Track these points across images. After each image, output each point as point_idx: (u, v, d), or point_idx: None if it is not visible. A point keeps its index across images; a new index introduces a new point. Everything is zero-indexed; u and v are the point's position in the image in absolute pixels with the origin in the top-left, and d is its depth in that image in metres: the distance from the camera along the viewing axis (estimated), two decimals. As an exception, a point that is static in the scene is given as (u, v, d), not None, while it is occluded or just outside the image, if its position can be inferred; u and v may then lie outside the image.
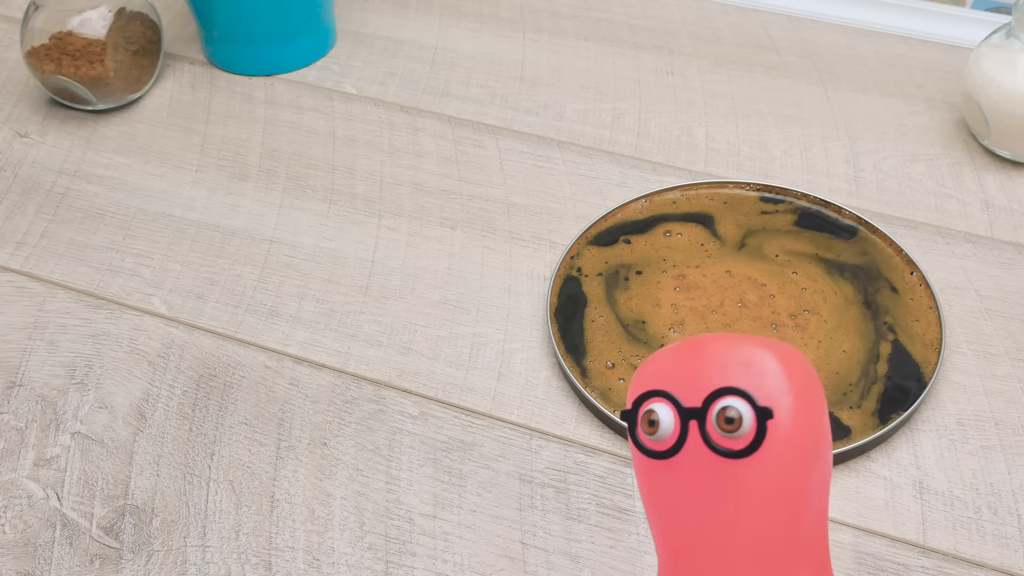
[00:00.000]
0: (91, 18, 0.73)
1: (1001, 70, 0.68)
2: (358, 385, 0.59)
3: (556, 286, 0.62)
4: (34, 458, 0.56)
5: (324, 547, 0.52)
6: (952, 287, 0.64)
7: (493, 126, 0.76)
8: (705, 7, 0.88)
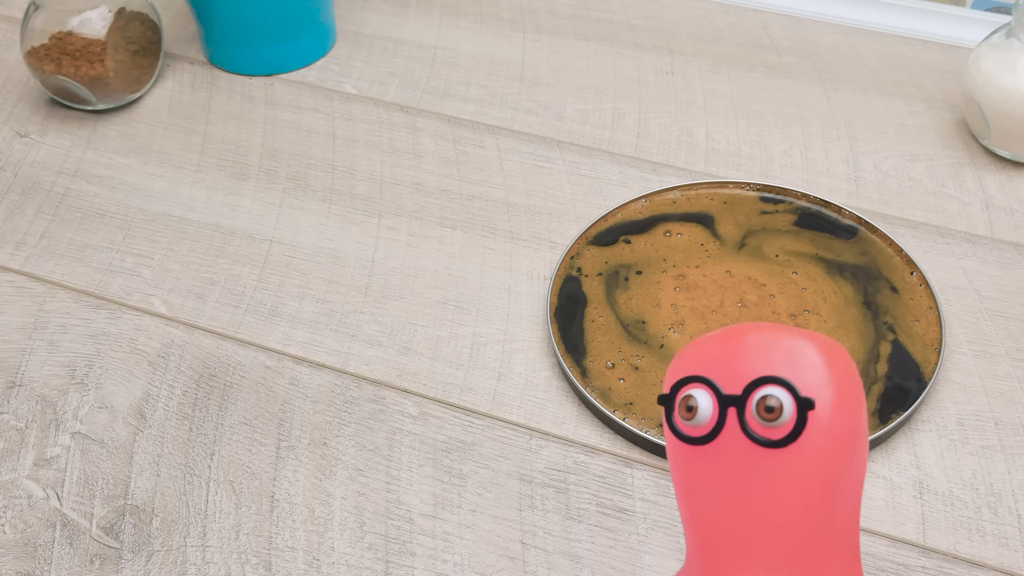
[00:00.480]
0: (91, 18, 0.73)
1: (1001, 70, 0.68)
2: (358, 385, 0.59)
3: (556, 286, 0.62)
4: (34, 458, 0.56)
5: (324, 547, 0.52)
6: (952, 287, 0.64)
7: (493, 126, 0.76)
8: (705, 7, 0.88)
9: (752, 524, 0.36)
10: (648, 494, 0.54)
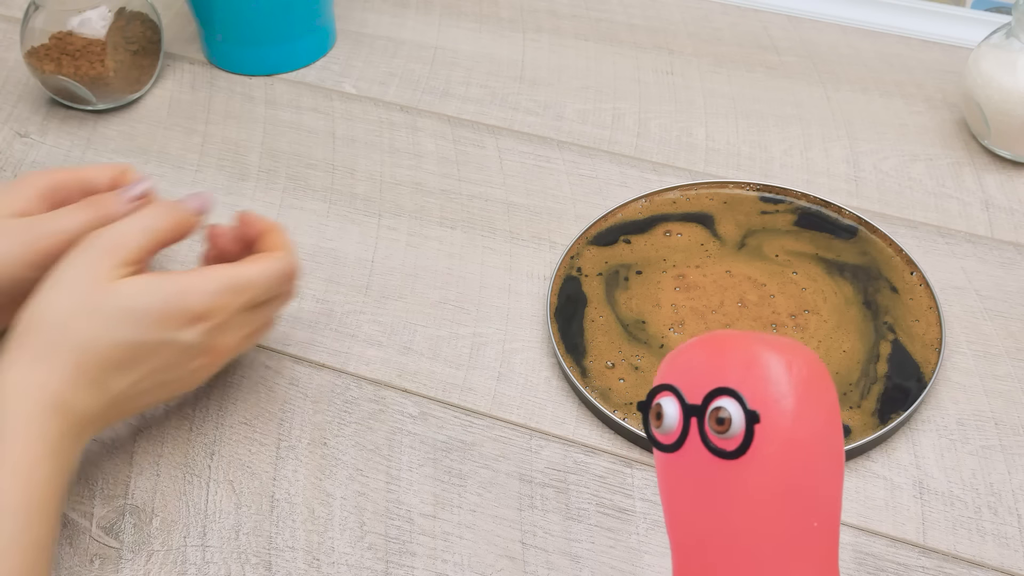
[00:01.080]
0: (91, 18, 0.73)
1: (1001, 70, 0.68)
2: (358, 385, 0.59)
3: (556, 286, 0.62)
4: (34, 458, 0.56)
5: (324, 547, 0.52)
6: (952, 287, 0.64)
7: (493, 126, 0.76)
8: (705, 7, 0.88)
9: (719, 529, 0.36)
10: (648, 494, 0.54)
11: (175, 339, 0.49)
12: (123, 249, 0.49)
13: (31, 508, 0.45)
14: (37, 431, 0.46)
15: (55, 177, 0.56)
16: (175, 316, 0.49)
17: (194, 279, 0.50)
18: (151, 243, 0.51)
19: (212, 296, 0.50)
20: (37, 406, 0.46)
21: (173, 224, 0.52)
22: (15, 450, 0.45)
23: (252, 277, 0.52)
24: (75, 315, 0.47)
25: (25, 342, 0.47)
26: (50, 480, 0.46)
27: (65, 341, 0.47)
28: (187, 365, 0.51)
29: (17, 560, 0.44)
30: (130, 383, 0.49)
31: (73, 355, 0.47)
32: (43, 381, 0.47)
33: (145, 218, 0.51)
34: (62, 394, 0.47)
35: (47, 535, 0.46)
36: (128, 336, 0.48)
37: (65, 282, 0.48)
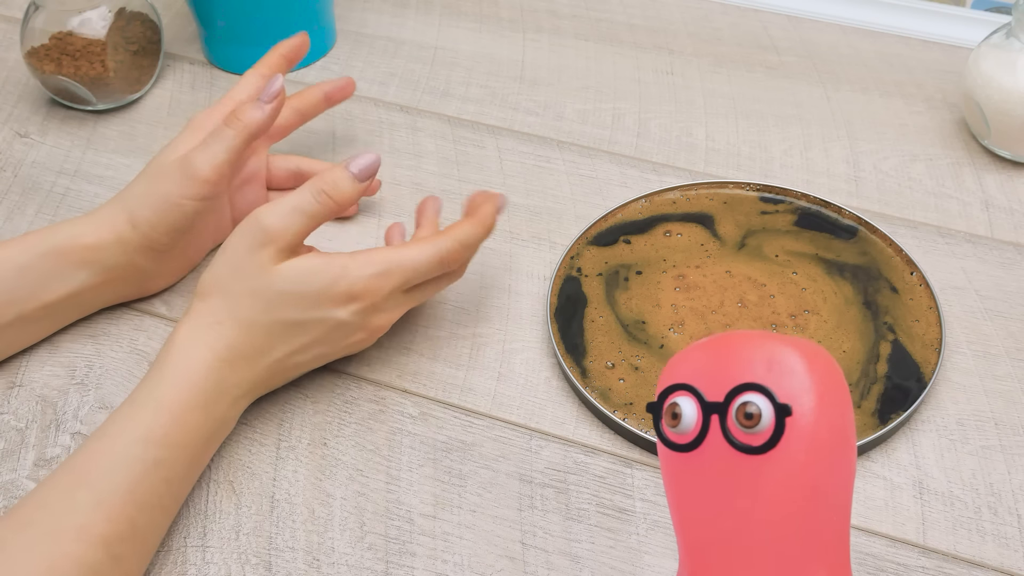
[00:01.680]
0: (91, 18, 0.73)
1: (1001, 70, 0.68)
2: (358, 385, 0.59)
3: (556, 286, 0.62)
4: (34, 458, 0.56)
5: (324, 547, 0.52)
6: (952, 287, 0.64)
7: (493, 126, 0.76)
8: (705, 7, 0.88)
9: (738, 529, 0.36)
10: (648, 494, 0.54)
11: (331, 317, 0.54)
12: (283, 238, 0.53)
13: (173, 446, 0.50)
14: (196, 382, 0.51)
15: (223, 113, 0.61)
16: (331, 297, 0.53)
17: (350, 263, 0.53)
18: (308, 229, 0.54)
19: (367, 280, 0.53)
20: (200, 362, 0.52)
21: (334, 210, 0.54)
22: (170, 392, 0.51)
23: (405, 262, 0.55)
24: (243, 294, 0.53)
25: (202, 308, 0.53)
26: (197, 428, 0.51)
27: (234, 315, 0.53)
28: (343, 340, 0.56)
29: (145, 488, 0.48)
30: (286, 354, 0.54)
31: (239, 328, 0.53)
32: (211, 343, 0.52)
33: (306, 202, 0.53)
34: (225, 357, 0.52)
35: (182, 475, 0.51)
36: (287, 315, 0.53)
37: (235, 262, 0.53)
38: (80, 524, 0.46)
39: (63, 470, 0.48)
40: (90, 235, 0.58)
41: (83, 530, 0.46)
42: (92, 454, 0.49)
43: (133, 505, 0.48)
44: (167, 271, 0.63)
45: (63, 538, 0.46)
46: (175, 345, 0.52)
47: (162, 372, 0.51)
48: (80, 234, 0.58)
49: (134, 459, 0.48)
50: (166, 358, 0.52)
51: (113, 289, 0.61)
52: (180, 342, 0.52)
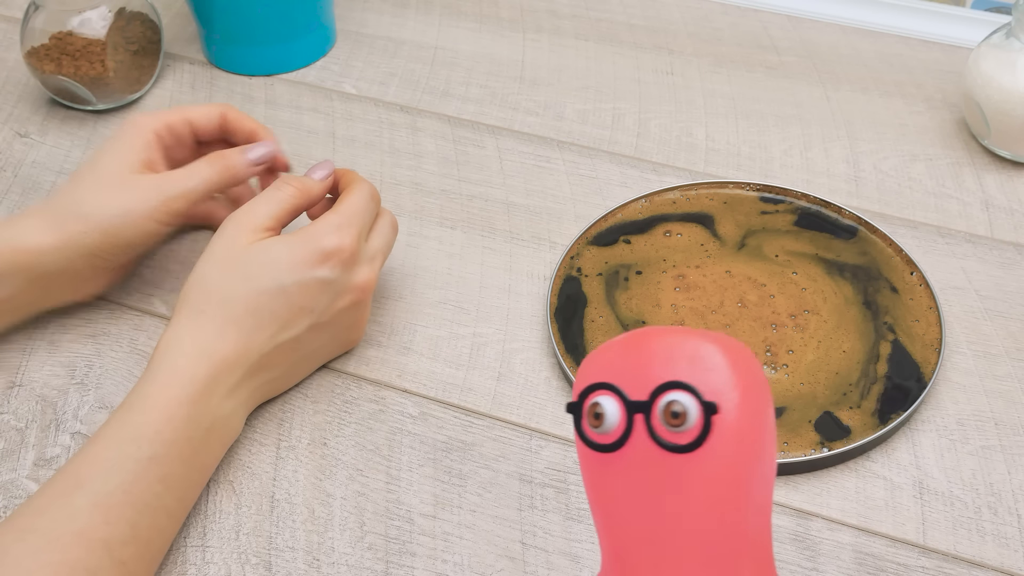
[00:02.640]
0: (91, 18, 0.73)
1: (1001, 70, 0.68)
2: (358, 385, 0.59)
3: (556, 286, 0.62)
4: (34, 458, 0.56)
5: (324, 547, 0.52)
6: (952, 287, 0.64)
7: (493, 126, 0.76)
8: (705, 7, 0.88)
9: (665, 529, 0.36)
10: (648, 494, 0.54)
11: (310, 277, 0.54)
12: (256, 219, 0.55)
13: (165, 443, 0.49)
14: (183, 377, 0.51)
15: (166, 120, 0.61)
16: (305, 259, 0.54)
17: (311, 228, 0.55)
18: (281, 212, 0.56)
19: (332, 234, 0.55)
20: (184, 357, 0.52)
21: (299, 198, 0.57)
22: (158, 389, 0.51)
23: (352, 207, 0.56)
24: (222, 277, 0.53)
25: (183, 308, 0.53)
26: (188, 423, 0.51)
27: (213, 299, 0.53)
28: (333, 305, 0.56)
29: (142, 487, 0.48)
30: (279, 325, 0.54)
31: (221, 309, 0.53)
32: (194, 335, 0.52)
33: (272, 191, 0.56)
34: (211, 344, 0.52)
35: (180, 474, 0.50)
36: (265, 283, 0.53)
37: (212, 257, 0.54)
38: (79, 528, 0.46)
39: (60, 475, 0.48)
40: (31, 238, 0.57)
41: (83, 534, 0.46)
42: (87, 458, 0.49)
43: (131, 506, 0.48)
44: (105, 279, 0.62)
45: (64, 543, 0.45)
46: (161, 347, 0.52)
47: (150, 372, 0.51)
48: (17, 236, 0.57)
49: (127, 458, 0.48)
50: (153, 359, 0.52)
51: (45, 296, 0.60)
52: (165, 343, 0.52)
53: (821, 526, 0.52)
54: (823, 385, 0.57)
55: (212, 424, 0.52)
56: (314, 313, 0.55)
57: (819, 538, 0.52)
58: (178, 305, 0.54)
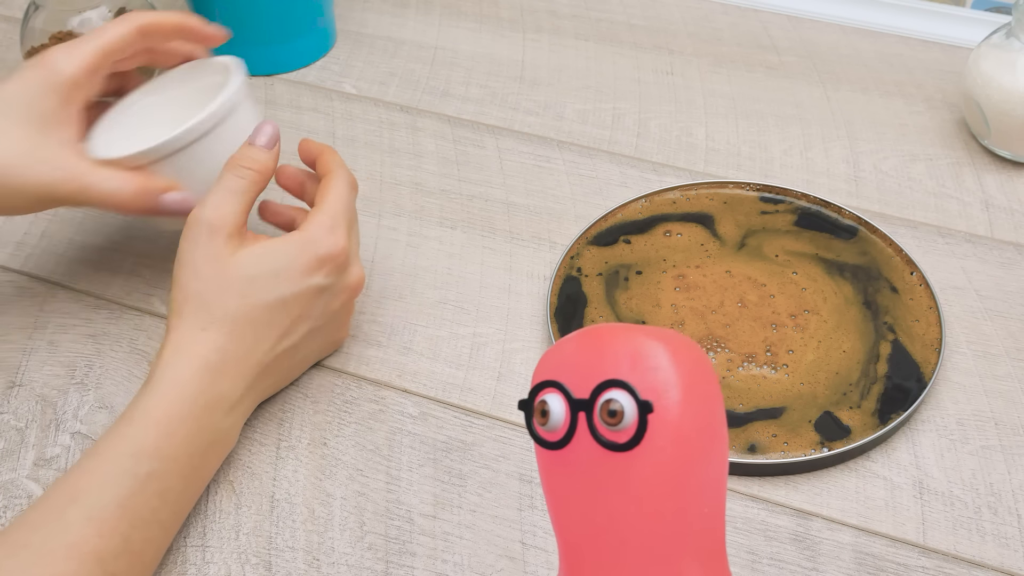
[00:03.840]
0: (91, 18, 0.73)
1: (1001, 70, 0.68)
2: (358, 385, 0.59)
3: (556, 286, 0.62)
4: (34, 458, 0.56)
5: (324, 547, 0.52)
6: (952, 287, 0.64)
7: (493, 126, 0.76)
8: (705, 7, 0.88)
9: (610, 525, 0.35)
10: (648, 494, 0.54)
11: (308, 286, 0.54)
12: (226, 222, 0.53)
13: (165, 458, 0.49)
14: (186, 393, 0.51)
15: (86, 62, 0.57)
16: (302, 267, 0.54)
17: (304, 232, 0.54)
18: (245, 207, 0.54)
19: (325, 238, 0.54)
20: (188, 372, 0.51)
21: (259, 181, 0.55)
22: (160, 405, 0.50)
23: (338, 203, 0.56)
24: (218, 292, 0.53)
25: (180, 322, 0.53)
26: (189, 439, 0.50)
27: (218, 314, 0.52)
28: (328, 308, 0.56)
29: (138, 502, 0.48)
30: (276, 340, 0.54)
31: (226, 324, 0.52)
32: (198, 351, 0.52)
33: (231, 182, 0.54)
34: (214, 363, 0.52)
35: (178, 488, 0.50)
36: (264, 297, 0.53)
37: (193, 266, 0.53)
38: (71, 542, 0.46)
39: (55, 489, 0.48)
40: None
41: (74, 547, 0.45)
42: (83, 471, 0.48)
43: (126, 520, 0.47)
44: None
45: (55, 557, 0.45)
46: (162, 359, 0.52)
47: (151, 386, 0.51)
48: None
49: (124, 472, 0.48)
50: (154, 372, 0.51)
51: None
52: (167, 356, 0.52)
53: (821, 526, 0.52)
54: (823, 385, 0.57)
55: (213, 439, 0.52)
56: (311, 319, 0.55)
57: (819, 538, 0.52)
58: (173, 316, 0.53)
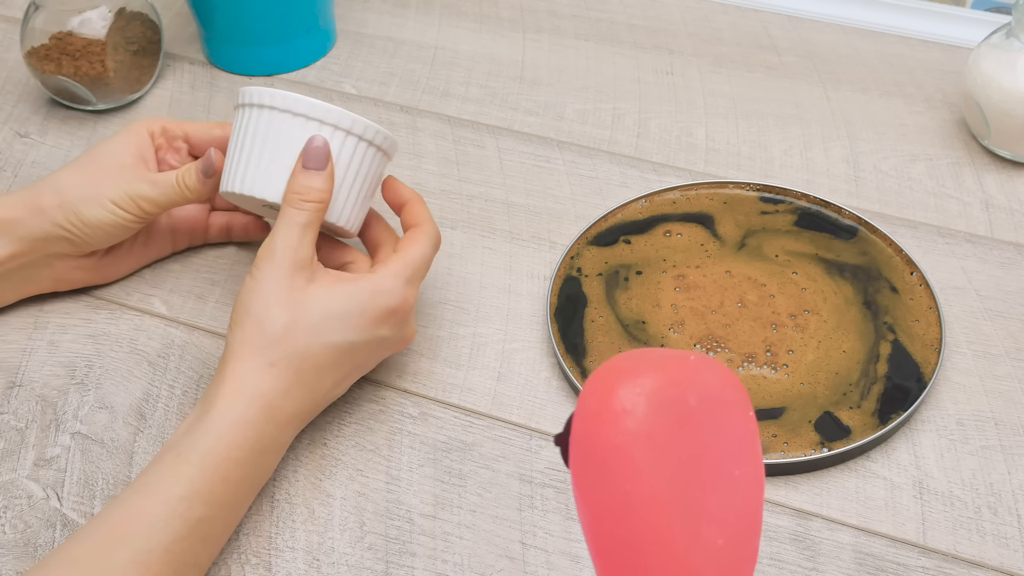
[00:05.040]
0: (91, 18, 0.73)
1: (1001, 70, 0.68)
2: (358, 385, 0.59)
3: (556, 286, 0.62)
4: (34, 458, 0.56)
5: (324, 547, 0.52)
6: (952, 287, 0.64)
7: (493, 126, 0.76)
8: (705, 7, 0.88)
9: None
10: (648, 494, 0.54)
11: (375, 336, 0.54)
12: (304, 260, 0.52)
13: (217, 504, 0.49)
14: (247, 437, 0.50)
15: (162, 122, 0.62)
16: (373, 316, 0.53)
17: (378, 279, 0.53)
18: (312, 239, 0.53)
19: (399, 291, 0.54)
20: (251, 411, 0.50)
21: (320, 210, 0.54)
22: (218, 447, 0.49)
23: (419, 260, 0.55)
24: (289, 328, 0.51)
25: (246, 351, 0.51)
26: (241, 483, 0.50)
27: (286, 353, 0.51)
28: (380, 356, 0.56)
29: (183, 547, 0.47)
30: (336, 381, 0.54)
31: (294, 364, 0.51)
32: (264, 389, 0.50)
33: (295, 216, 0.53)
34: (275, 401, 0.51)
35: (219, 533, 0.50)
36: (333, 339, 0.52)
37: (264, 295, 0.52)
38: None
39: (98, 524, 0.47)
40: (4, 209, 0.58)
41: None
42: (131, 510, 0.47)
43: (169, 565, 0.47)
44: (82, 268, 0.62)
45: None
46: (223, 394, 0.50)
47: (209, 424, 0.49)
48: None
49: (175, 516, 0.47)
50: (213, 406, 0.50)
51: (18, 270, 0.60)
52: (228, 392, 0.50)
53: (821, 526, 0.52)
54: (823, 385, 0.57)
55: (262, 481, 0.52)
56: (365, 368, 0.55)
57: (819, 538, 0.52)
58: (237, 346, 0.51)
